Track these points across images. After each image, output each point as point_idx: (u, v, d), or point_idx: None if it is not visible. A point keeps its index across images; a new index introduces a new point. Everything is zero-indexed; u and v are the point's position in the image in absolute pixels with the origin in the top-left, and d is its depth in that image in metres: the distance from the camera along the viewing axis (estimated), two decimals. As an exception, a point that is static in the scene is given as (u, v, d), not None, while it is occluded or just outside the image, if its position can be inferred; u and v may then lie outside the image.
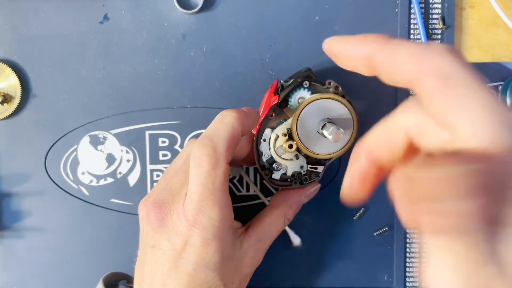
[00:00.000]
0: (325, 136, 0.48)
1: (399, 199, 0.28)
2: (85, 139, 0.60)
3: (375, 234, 0.60)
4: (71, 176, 0.60)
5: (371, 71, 0.34)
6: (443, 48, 0.29)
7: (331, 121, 0.50)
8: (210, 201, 0.45)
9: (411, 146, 0.32)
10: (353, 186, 0.36)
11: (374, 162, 0.34)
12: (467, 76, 0.28)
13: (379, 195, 0.59)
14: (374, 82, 0.59)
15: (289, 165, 0.52)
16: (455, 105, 0.27)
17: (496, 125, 0.26)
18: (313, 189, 0.54)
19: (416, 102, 0.31)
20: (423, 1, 0.58)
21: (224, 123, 0.47)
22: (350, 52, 0.35)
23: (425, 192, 0.26)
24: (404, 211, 0.28)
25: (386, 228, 0.60)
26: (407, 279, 0.60)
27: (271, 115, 0.52)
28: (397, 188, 0.28)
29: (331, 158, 0.52)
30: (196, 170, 0.45)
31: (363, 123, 0.56)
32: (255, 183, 0.60)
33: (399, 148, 0.33)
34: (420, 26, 0.58)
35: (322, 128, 0.49)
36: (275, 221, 0.52)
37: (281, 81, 0.53)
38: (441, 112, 0.28)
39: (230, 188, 0.60)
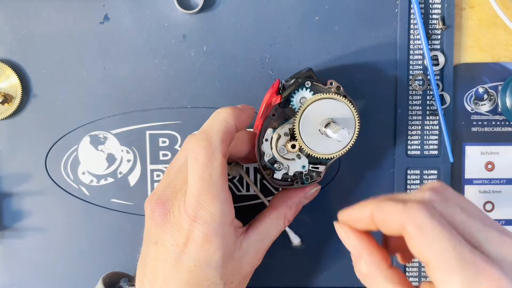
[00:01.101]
0: (328, 136, 0.49)
1: None
2: (86, 139, 0.60)
3: None
4: (71, 176, 0.60)
5: (375, 226, 0.44)
6: (419, 205, 0.40)
7: (334, 120, 0.50)
8: (209, 195, 0.45)
9: None
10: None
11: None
12: (435, 225, 0.39)
13: (379, 195, 0.59)
14: (374, 82, 0.59)
15: (291, 165, 0.52)
16: (425, 248, 0.39)
17: (453, 266, 0.38)
18: (313, 190, 0.54)
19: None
20: (423, 1, 0.58)
21: (218, 118, 0.48)
22: (357, 216, 0.45)
23: None
24: None
25: None
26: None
27: (273, 115, 0.52)
28: None
29: (333, 158, 0.52)
30: (193, 164, 0.46)
31: (363, 123, 0.57)
32: (255, 183, 0.60)
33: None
34: (420, 26, 0.58)
35: (325, 128, 0.49)
36: (275, 222, 0.52)
37: (283, 81, 0.53)
38: (417, 251, 0.40)
39: (230, 188, 0.60)
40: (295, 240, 0.59)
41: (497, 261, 0.39)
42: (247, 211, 0.60)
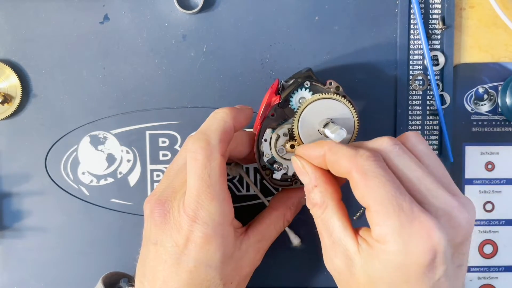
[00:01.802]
0: (327, 136, 0.49)
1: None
2: (86, 139, 0.60)
3: (354, 218, 0.60)
4: (71, 176, 0.60)
5: (326, 166, 0.47)
6: (367, 154, 0.43)
7: (333, 121, 0.50)
8: (208, 195, 0.45)
9: None
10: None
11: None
12: (379, 173, 0.42)
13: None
14: (374, 83, 0.59)
15: (290, 165, 0.52)
16: (367, 192, 0.42)
17: (389, 211, 0.41)
18: (313, 190, 0.55)
19: None
20: (423, 1, 0.58)
21: (216, 118, 0.48)
22: (312, 153, 0.47)
23: None
24: None
25: (362, 208, 0.60)
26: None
27: (272, 115, 0.52)
28: None
29: (332, 158, 0.52)
30: (192, 164, 0.46)
31: (363, 123, 0.57)
32: (255, 183, 0.60)
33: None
34: (420, 26, 0.58)
35: (324, 128, 0.49)
36: (274, 222, 0.52)
37: (282, 81, 0.53)
38: (360, 195, 0.43)
39: (230, 188, 0.60)
40: (295, 240, 0.59)
41: (434, 213, 0.42)
42: (247, 211, 0.60)
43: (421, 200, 0.43)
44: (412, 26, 0.59)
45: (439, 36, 0.59)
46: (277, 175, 0.53)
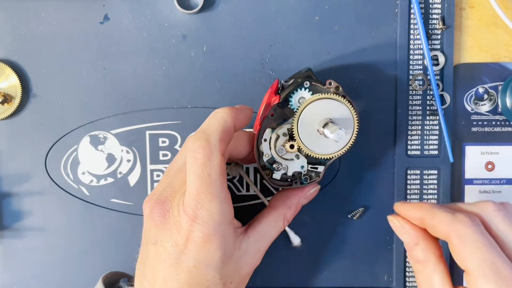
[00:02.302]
0: (326, 136, 0.49)
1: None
2: (85, 139, 0.60)
3: (349, 216, 0.60)
4: (71, 176, 0.60)
5: (423, 225, 0.49)
6: (465, 219, 0.45)
7: (332, 121, 0.50)
8: (208, 194, 0.45)
9: None
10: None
11: None
12: (476, 238, 0.44)
13: (379, 195, 0.59)
14: (374, 82, 0.59)
15: (290, 165, 0.52)
16: (466, 256, 0.44)
17: (488, 276, 0.42)
18: (313, 190, 0.54)
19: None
20: (423, 1, 0.58)
21: (216, 118, 0.48)
22: (411, 215, 0.50)
23: None
24: None
25: (362, 208, 0.60)
26: (407, 279, 0.60)
27: (272, 115, 0.52)
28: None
29: (332, 158, 0.52)
30: (192, 163, 0.46)
31: (363, 123, 0.57)
32: (255, 183, 0.60)
33: None
34: (420, 26, 0.58)
35: (323, 128, 0.49)
36: (274, 222, 0.52)
37: (282, 81, 0.53)
38: (459, 259, 0.44)
39: (230, 188, 0.60)
40: (295, 240, 0.59)
41: None
42: (247, 211, 0.60)
43: None
44: (412, 26, 0.59)
45: (439, 36, 0.59)
46: (277, 175, 0.53)
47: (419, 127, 0.59)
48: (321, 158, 0.52)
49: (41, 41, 0.59)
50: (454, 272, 0.50)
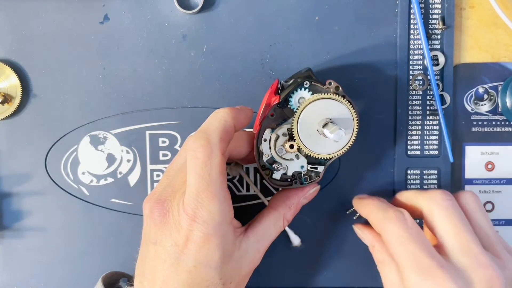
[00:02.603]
0: (326, 136, 0.49)
1: None
2: (85, 139, 0.60)
3: (347, 212, 0.60)
4: (71, 176, 0.60)
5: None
6: (392, 216, 0.50)
7: (332, 121, 0.50)
8: (208, 194, 0.45)
9: None
10: None
11: None
12: (399, 233, 0.49)
13: (379, 195, 0.59)
14: (374, 83, 0.59)
15: (290, 165, 0.52)
16: (393, 253, 0.49)
17: (412, 267, 0.47)
18: (313, 190, 0.54)
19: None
20: (423, 1, 0.58)
21: (216, 118, 0.48)
22: (361, 213, 0.57)
23: None
24: None
25: (352, 209, 0.60)
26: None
27: (272, 115, 0.52)
28: None
29: (331, 158, 0.52)
30: (192, 162, 0.46)
31: (363, 123, 0.57)
32: (255, 183, 0.60)
33: None
34: (420, 26, 0.58)
35: (323, 128, 0.49)
36: (274, 222, 0.52)
37: (282, 81, 0.53)
38: (392, 254, 0.49)
39: (230, 188, 0.60)
40: (295, 240, 0.59)
41: (455, 270, 0.47)
42: (247, 211, 0.60)
43: (450, 254, 0.48)
44: (412, 26, 0.59)
45: (439, 36, 0.59)
46: (277, 175, 0.53)
47: (419, 127, 0.59)
48: (321, 158, 0.52)
49: (41, 41, 0.59)
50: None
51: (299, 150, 0.52)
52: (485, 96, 0.59)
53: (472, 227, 0.50)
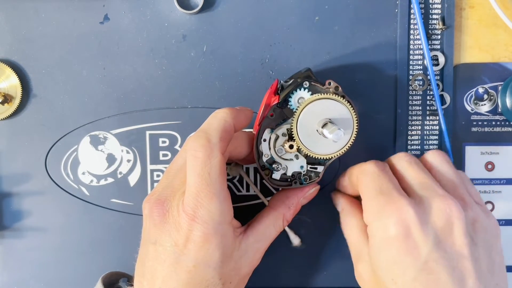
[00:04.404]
0: (325, 136, 0.49)
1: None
2: (86, 139, 0.60)
3: None
4: (71, 176, 0.60)
5: (355, 189, 0.53)
6: (369, 162, 0.52)
7: (331, 121, 0.50)
8: (208, 193, 0.45)
9: None
10: None
11: None
12: (372, 170, 0.50)
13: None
14: (373, 82, 0.59)
15: (289, 165, 0.52)
16: (361, 188, 0.51)
17: (373, 195, 0.49)
18: (312, 190, 0.54)
19: None
20: (423, 1, 0.58)
21: (216, 118, 0.48)
22: (343, 183, 0.56)
23: None
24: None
25: None
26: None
27: (271, 115, 0.52)
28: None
29: (331, 158, 0.52)
30: (192, 161, 0.46)
31: (363, 123, 0.57)
32: (255, 183, 0.60)
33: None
34: (420, 26, 0.58)
35: (322, 128, 0.49)
36: (273, 222, 0.52)
37: (281, 81, 0.53)
38: (360, 190, 0.51)
39: (230, 188, 0.60)
40: (295, 240, 0.59)
41: (415, 198, 0.48)
42: (247, 211, 0.60)
43: (409, 190, 0.49)
44: (412, 26, 0.59)
45: (439, 36, 0.59)
46: (276, 175, 0.53)
47: (419, 127, 0.59)
48: (320, 158, 0.52)
49: (41, 41, 0.59)
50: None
51: (298, 150, 0.52)
52: (485, 96, 0.59)
53: (433, 174, 0.51)
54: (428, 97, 0.59)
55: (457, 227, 0.46)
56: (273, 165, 0.52)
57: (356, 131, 0.51)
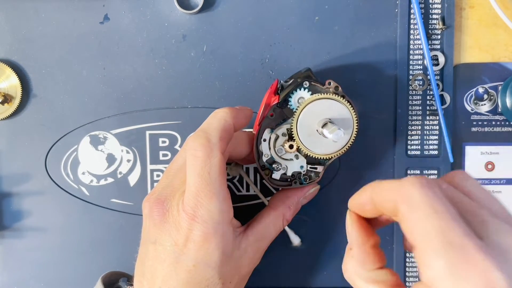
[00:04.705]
0: (325, 136, 0.49)
1: None
2: (86, 139, 0.60)
3: None
4: (71, 176, 0.60)
5: (378, 211, 0.40)
6: (413, 179, 0.36)
7: (331, 121, 0.50)
8: (208, 193, 0.45)
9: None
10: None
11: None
12: (425, 202, 0.35)
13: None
14: (373, 82, 0.59)
15: (289, 165, 0.52)
16: (412, 228, 0.35)
17: (438, 248, 0.33)
18: (312, 190, 0.54)
19: None
20: (423, 1, 0.58)
21: (216, 117, 0.48)
22: (358, 201, 0.42)
23: None
24: None
25: None
26: (407, 279, 0.60)
27: (271, 115, 0.52)
28: None
29: (331, 158, 0.52)
30: (192, 161, 0.46)
31: (363, 123, 0.57)
32: (255, 183, 0.60)
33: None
34: (420, 26, 0.58)
35: (322, 128, 0.49)
36: (273, 222, 0.52)
37: (281, 81, 0.53)
38: (408, 232, 0.36)
39: (230, 188, 0.60)
40: (295, 240, 0.59)
41: (493, 250, 0.33)
42: (247, 211, 0.60)
43: (479, 234, 0.35)
44: (412, 26, 0.59)
45: (439, 36, 0.59)
46: (276, 175, 0.53)
47: (419, 127, 0.59)
48: (320, 158, 0.52)
49: (41, 41, 0.59)
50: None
51: (298, 150, 0.52)
52: (485, 96, 0.59)
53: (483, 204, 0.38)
54: (428, 97, 0.59)
55: None
56: (273, 165, 0.52)
57: (356, 131, 0.51)
